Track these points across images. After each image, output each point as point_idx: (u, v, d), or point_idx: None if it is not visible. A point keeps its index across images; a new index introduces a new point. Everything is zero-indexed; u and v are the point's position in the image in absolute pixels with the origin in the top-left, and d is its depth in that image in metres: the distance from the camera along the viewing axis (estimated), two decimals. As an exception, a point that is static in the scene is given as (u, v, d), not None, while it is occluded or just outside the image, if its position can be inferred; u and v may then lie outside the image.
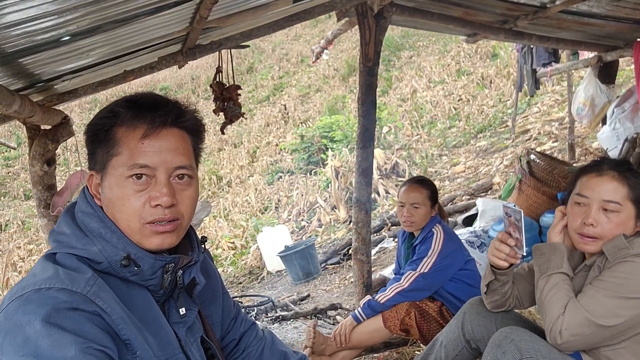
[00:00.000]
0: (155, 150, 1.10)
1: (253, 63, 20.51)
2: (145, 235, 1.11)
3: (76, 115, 16.70)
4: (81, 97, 2.98)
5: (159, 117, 1.11)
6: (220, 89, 3.39)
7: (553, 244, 1.74)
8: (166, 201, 1.10)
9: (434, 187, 2.83)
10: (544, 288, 1.68)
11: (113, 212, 1.11)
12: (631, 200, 1.65)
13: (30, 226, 11.77)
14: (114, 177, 1.10)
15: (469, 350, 2.09)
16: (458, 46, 14.29)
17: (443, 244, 2.65)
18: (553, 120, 8.29)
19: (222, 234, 8.39)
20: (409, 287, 2.61)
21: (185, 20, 2.50)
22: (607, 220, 1.64)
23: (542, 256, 1.74)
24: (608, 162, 1.73)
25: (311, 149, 10.59)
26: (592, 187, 1.68)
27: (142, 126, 1.10)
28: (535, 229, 3.80)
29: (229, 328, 1.45)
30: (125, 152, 1.09)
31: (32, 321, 0.93)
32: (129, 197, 1.09)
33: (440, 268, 2.62)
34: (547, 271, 1.70)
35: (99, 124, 1.12)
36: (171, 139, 1.13)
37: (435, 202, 2.78)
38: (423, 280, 2.61)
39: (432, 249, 2.64)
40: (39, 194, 2.82)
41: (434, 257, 2.62)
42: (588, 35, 4.48)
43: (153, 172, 1.10)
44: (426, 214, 2.74)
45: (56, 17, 1.73)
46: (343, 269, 5.30)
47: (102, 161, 1.12)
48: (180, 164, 1.14)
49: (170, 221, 1.12)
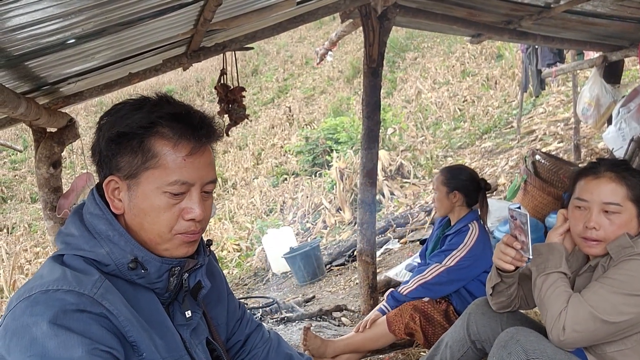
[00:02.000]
0: (195, 167, 1.11)
1: (258, 65, 20.55)
2: (175, 245, 1.13)
3: (82, 118, 16.78)
4: (87, 99, 3.00)
5: (205, 137, 1.12)
6: (225, 91, 3.40)
7: (551, 243, 1.73)
8: (199, 215, 1.12)
9: (457, 174, 2.76)
10: (542, 286, 1.67)
11: (142, 221, 1.11)
12: (631, 200, 1.64)
13: (37, 229, 11.82)
14: (149, 189, 1.09)
15: (474, 351, 2.08)
16: (463, 47, 14.28)
17: (476, 242, 2.61)
18: (558, 121, 8.26)
19: (227, 235, 8.41)
20: (432, 280, 2.60)
21: (189, 22, 2.51)
22: (609, 222, 1.63)
23: (540, 256, 1.73)
24: (604, 163, 1.72)
25: (316, 151, 10.60)
26: (590, 190, 1.67)
27: (188, 145, 1.09)
28: (541, 229, 3.79)
29: (234, 329, 1.45)
30: (166, 168, 1.08)
31: (39, 322, 0.94)
32: (164, 209, 1.10)
33: (467, 265, 2.58)
34: (545, 270, 1.69)
35: (136, 133, 1.08)
36: (207, 155, 1.15)
37: (455, 189, 2.71)
38: (447, 275, 2.59)
39: (463, 243, 2.61)
40: (45, 197, 2.83)
41: (464, 252, 2.59)
42: (593, 35, 4.47)
43: (189, 188, 1.11)
44: (441, 198, 2.74)
45: (61, 20, 1.74)
46: (348, 271, 5.29)
47: (133, 169, 1.09)
48: (212, 178, 1.16)
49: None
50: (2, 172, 15.97)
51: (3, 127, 2.83)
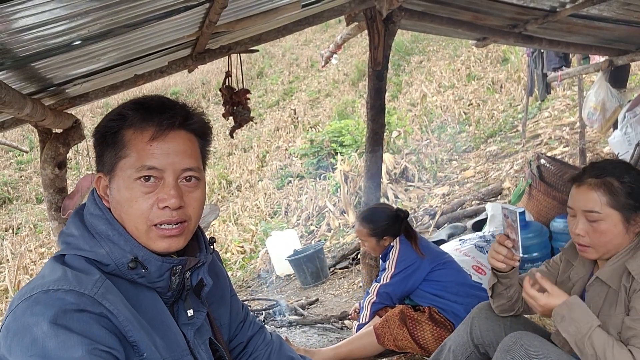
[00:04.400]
0: (163, 152, 1.11)
1: (263, 68, 20.59)
2: (151, 238, 1.12)
3: (88, 119, 16.85)
4: (92, 101, 3.01)
5: (166, 119, 1.12)
6: (230, 93, 3.40)
7: (566, 301, 1.60)
8: (174, 203, 1.10)
9: (378, 222, 2.91)
10: (595, 350, 1.50)
11: (120, 214, 1.12)
12: (612, 207, 1.61)
13: (42, 229, 11.87)
14: (122, 179, 1.11)
15: (477, 355, 2.07)
16: (468, 51, 14.27)
17: (398, 257, 2.80)
18: (564, 125, 8.24)
19: (231, 237, 8.41)
20: (377, 298, 2.86)
21: (195, 24, 2.51)
22: (593, 229, 1.64)
23: (564, 320, 1.58)
24: (590, 168, 1.71)
25: (320, 154, 10.59)
26: (575, 198, 1.69)
27: (150, 128, 1.11)
28: (546, 234, 3.77)
29: (236, 331, 1.45)
30: (133, 155, 1.10)
31: (39, 322, 0.94)
32: (136, 199, 1.10)
33: (401, 278, 2.78)
34: (582, 333, 1.54)
35: (107, 126, 1.13)
36: (179, 141, 1.14)
37: (383, 235, 2.89)
38: (385, 289, 2.83)
39: (390, 260, 2.83)
40: (50, 197, 2.85)
41: (392, 268, 2.81)
42: (599, 39, 4.46)
43: (161, 174, 1.11)
44: (374, 247, 2.95)
45: (68, 22, 1.75)
46: (352, 274, 5.28)
47: (110, 163, 1.12)
48: (188, 165, 1.14)
49: (178, 223, 1.12)
50: (8, 172, 16.05)
51: (9, 128, 2.84)
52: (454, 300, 2.69)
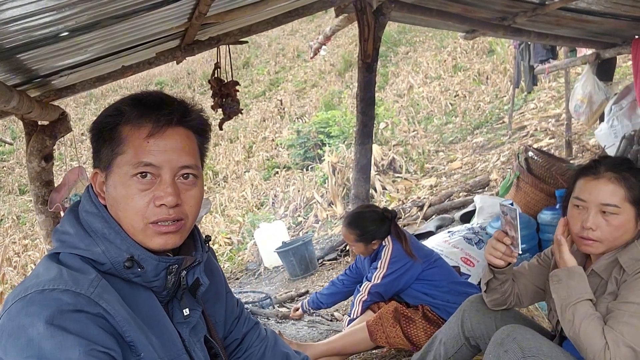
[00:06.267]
0: (160, 149, 1.09)
1: (249, 58, 20.42)
2: (148, 235, 1.10)
3: (71, 109, 16.61)
4: (79, 92, 2.97)
5: (164, 116, 1.10)
6: (219, 85, 3.37)
7: (569, 268, 1.64)
8: (171, 201, 1.09)
9: (365, 226, 2.85)
10: (574, 319, 1.56)
11: (116, 211, 1.10)
12: (629, 201, 1.61)
13: (26, 221, 11.70)
14: (118, 176, 1.09)
15: (468, 348, 2.09)
16: (454, 42, 14.27)
17: (391, 257, 2.77)
18: (549, 117, 8.30)
19: (218, 229, 8.38)
20: (368, 297, 2.84)
21: (184, 16, 2.48)
22: (606, 223, 1.62)
23: (560, 282, 1.64)
24: (605, 162, 1.69)
25: (307, 145, 10.56)
26: (589, 191, 1.65)
27: (148, 125, 1.09)
28: (533, 226, 3.80)
29: (231, 327, 1.44)
30: (130, 151, 1.08)
31: (35, 323, 0.93)
32: (133, 196, 1.08)
33: (393, 279, 2.76)
34: (571, 299, 1.59)
35: (104, 122, 1.11)
36: (177, 138, 1.12)
37: (372, 240, 2.84)
38: (376, 289, 2.81)
39: (382, 259, 2.79)
40: (37, 190, 2.80)
41: (384, 268, 2.77)
42: (586, 32, 4.49)
43: (158, 172, 1.09)
44: (363, 251, 2.91)
45: (55, 13, 1.72)
46: (340, 265, 5.29)
47: (107, 159, 1.10)
48: (186, 163, 1.12)
49: (175, 221, 1.11)
50: (-10, 163, 15.80)
51: (-7, 120, 2.79)
52: (446, 300, 2.68)
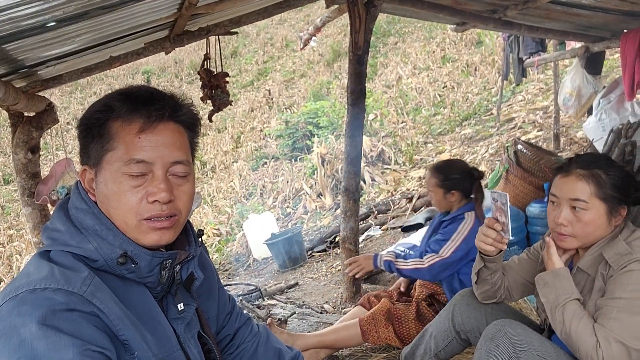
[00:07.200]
0: (151, 144, 1.08)
1: (237, 47, 20.27)
2: (142, 232, 1.09)
3: (57, 98, 16.40)
4: (66, 82, 2.92)
5: (155, 111, 1.08)
6: (208, 77, 3.34)
7: (555, 270, 1.69)
8: (164, 197, 1.08)
9: (450, 173, 2.70)
10: (563, 319, 1.59)
11: (108, 208, 1.09)
12: (599, 197, 1.65)
13: (10, 211, 11.55)
14: (109, 172, 1.07)
15: (458, 341, 2.10)
16: (443, 33, 14.27)
17: (469, 232, 2.59)
18: (537, 109, 8.35)
19: (207, 220, 8.35)
20: (427, 268, 2.60)
21: (173, 6, 2.44)
22: (577, 219, 1.66)
23: (547, 286, 1.68)
24: (578, 160, 1.74)
25: (296, 135, 10.52)
26: (560, 187, 1.71)
27: (139, 120, 1.07)
28: (522, 218, 3.83)
29: (224, 323, 1.44)
30: (121, 147, 1.07)
31: (27, 323, 0.91)
32: (125, 192, 1.07)
33: (460, 256, 2.59)
34: (559, 300, 1.62)
35: (93, 117, 1.09)
36: (168, 133, 1.11)
37: (452, 189, 2.68)
38: (441, 265, 2.59)
39: (457, 232, 2.61)
40: (23, 182, 2.76)
41: (457, 242, 2.59)
42: (576, 25, 4.50)
43: (150, 168, 1.08)
44: (440, 200, 2.72)
45: (42, 3, 1.68)
46: (330, 257, 5.30)
47: (96, 156, 1.08)
48: (177, 158, 1.11)
49: (168, 217, 1.10)
50: (-27, 153, 15.55)
51: (-22, 111, 2.74)
52: None
